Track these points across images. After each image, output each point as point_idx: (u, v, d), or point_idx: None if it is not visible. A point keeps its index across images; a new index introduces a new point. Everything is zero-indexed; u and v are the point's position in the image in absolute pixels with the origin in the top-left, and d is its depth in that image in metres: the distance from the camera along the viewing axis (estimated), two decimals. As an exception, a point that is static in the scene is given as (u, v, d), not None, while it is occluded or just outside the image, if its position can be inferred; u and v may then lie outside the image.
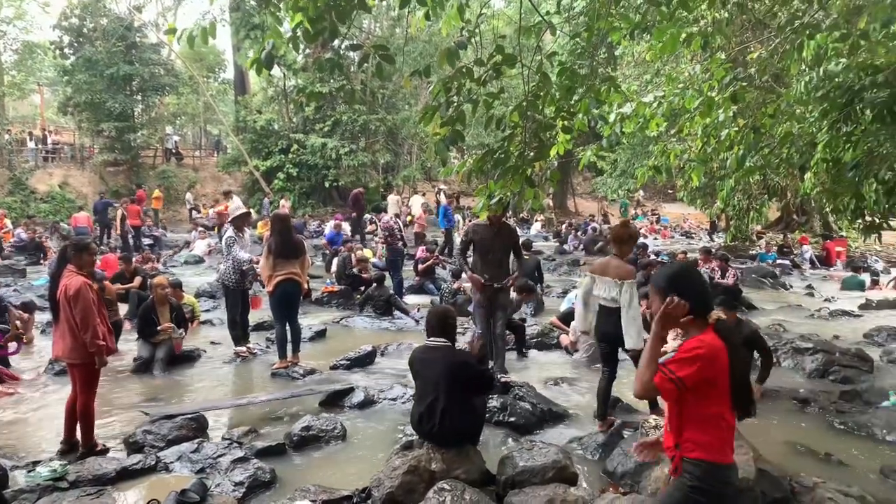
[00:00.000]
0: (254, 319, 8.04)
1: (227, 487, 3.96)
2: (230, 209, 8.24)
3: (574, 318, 6.99)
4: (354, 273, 11.18)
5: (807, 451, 4.72)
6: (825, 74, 5.88)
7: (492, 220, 5.90)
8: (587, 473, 4.29)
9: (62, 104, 26.92)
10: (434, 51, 21.89)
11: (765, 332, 7.75)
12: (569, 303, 8.56)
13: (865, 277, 13.93)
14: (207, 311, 9.70)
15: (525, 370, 6.84)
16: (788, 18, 6.37)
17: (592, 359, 6.96)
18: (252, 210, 12.95)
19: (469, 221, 14.76)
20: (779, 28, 6.50)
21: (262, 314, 8.42)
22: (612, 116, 6.13)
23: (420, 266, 12.19)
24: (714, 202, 17.48)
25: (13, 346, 6.87)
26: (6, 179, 23.17)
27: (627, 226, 5.16)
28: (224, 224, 13.06)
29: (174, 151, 29.73)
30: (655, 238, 22.82)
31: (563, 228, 22.30)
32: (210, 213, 20.37)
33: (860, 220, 7.00)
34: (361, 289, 10.61)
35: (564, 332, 7.71)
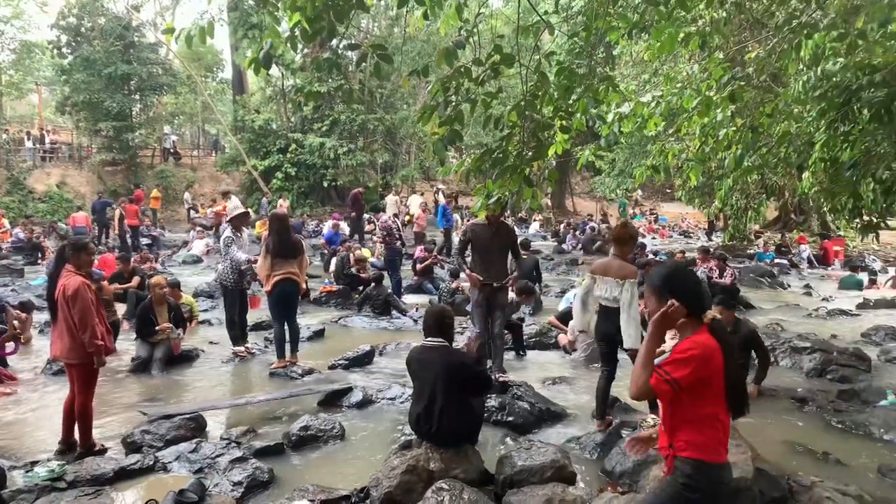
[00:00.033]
0: (252, 319, 8.03)
1: (226, 487, 3.96)
2: (228, 209, 8.24)
3: (572, 318, 7.01)
4: (353, 273, 11.19)
5: (805, 451, 4.72)
6: (823, 74, 5.89)
7: (490, 220, 5.90)
8: (585, 473, 4.29)
9: (60, 104, 26.90)
10: (432, 50, 21.87)
11: (763, 332, 7.76)
12: (567, 302, 8.57)
13: (863, 277, 13.96)
14: (206, 311, 9.70)
15: (523, 370, 6.84)
16: (786, 18, 6.37)
17: (590, 358, 6.97)
18: (250, 210, 12.94)
19: (467, 221, 14.76)
20: (777, 28, 6.51)
21: (261, 314, 8.43)
22: (611, 116, 6.13)
23: (418, 266, 12.20)
24: (712, 201, 17.46)
25: (11, 346, 6.87)
26: (4, 179, 23.14)
27: (628, 226, 5.15)
28: (222, 224, 13.07)
29: (172, 151, 29.68)
30: (654, 237, 22.84)
31: (562, 228, 22.31)
32: (208, 213, 20.35)
33: (858, 220, 6.99)
34: (360, 288, 10.61)
35: (563, 332, 7.72)
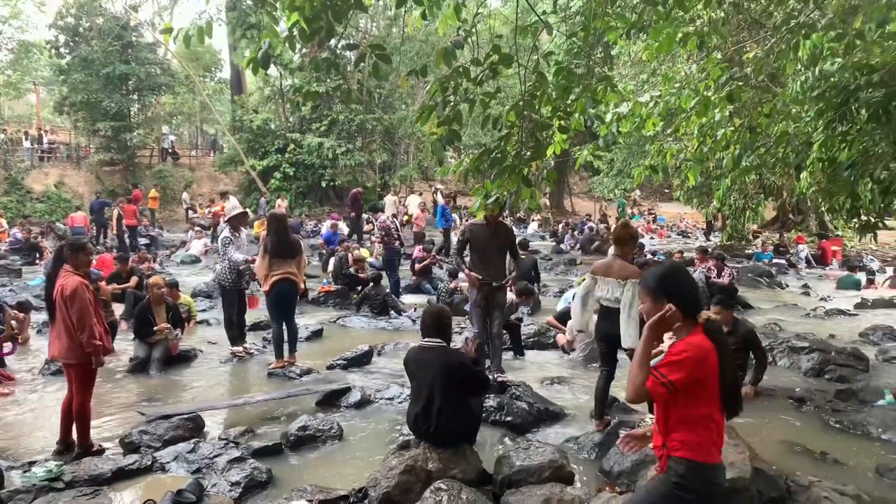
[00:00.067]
0: (250, 319, 8.03)
1: (224, 487, 3.95)
2: (226, 209, 8.24)
3: (571, 318, 7.01)
4: (351, 273, 11.18)
5: (803, 450, 4.73)
6: (821, 74, 5.89)
7: (488, 220, 5.91)
8: (583, 473, 4.29)
9: (58, 104, 26.88)
10: (431, 50, 21.89)
11: (761, 332, 7.78)
12: (565, 302, 8.57)
13: (861, 276, 13.98)
14: (204, 311, 9.69)
15: (522, 370, 6.84)
16: (784, 18, 6.38)
17: (589, 358, 6.98)
18: (248, 210, 12.93)
19: (466, 221, 14.76)
20: (775, 28, 6.52)
21: (259, 314, 8.42)
22: (609, 116, 6.13)
23: (417, 266, 12.20)
24: (710, 201, 17.49)
25: (9, 347, 6.85)
26: (2, 179, 23.11)
27: (628, 226, 5.14)
28: (219, 224, 13.07)
29: (170, 151, 29.67)
30: (652, 237, 22.86)
31: (560, 228, 22.33)
32: (206, 213, 20.34)
33: (856, 220, 7.01)
34: (358, 288, 10.60)
35: (561, 332, 7.72)
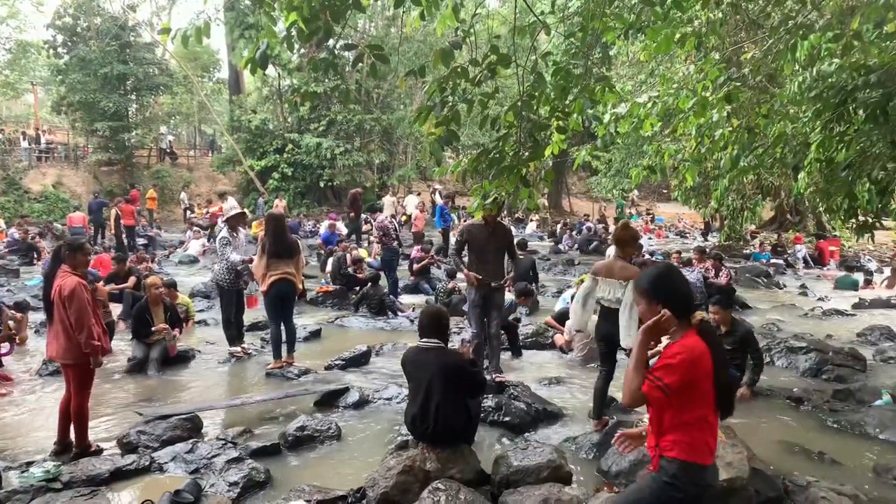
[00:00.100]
0: (248, 319, 8.02)
1: (222, 488, 3.95)
2: (225, 209, 8.23)
3: (569, 318, 7.01)
4: (349, 273, 11.18)
5: (800, 450, 4.74)
6: (818, 75, 5.91)
7: (487, 220, 5.91)
8: (581, 473, 4.29)
9: (56, 103, 26.84)
10: (429, 51, 21.90)
11: (759, 332, 7.79)
12: (563, 302, 8.58)
13: (859, 277, 14.01)
14: (202, 311, 9.68)
15: (520, 370, 6.84)
16: (782, 19, 6.39)
17: (587, 358, 6.98)
18: (247, 210, 12.92)
19: (464, 221, 14.76)
20: (772, 28, 6.52)
21: (257, 314, 8.41)
22: (607, 116, 6.14)
23: (415, 266, 12.20)
24: (708, 202, 17.54)
25: (6, 347, 6.84)
26: (0, 179, 23.06)
27: (629, 227, 5.14)
28: (217, 224, 13.06)
29: (168, 151, 29.65)
30: (650, 238, 22.88)
31: (558, 228, 22.34)
32: (204, 213, 20.32)
33: (853, 220, 7.01)
34: (356, 289, 10.60)
35: (559, 332, 7.73)
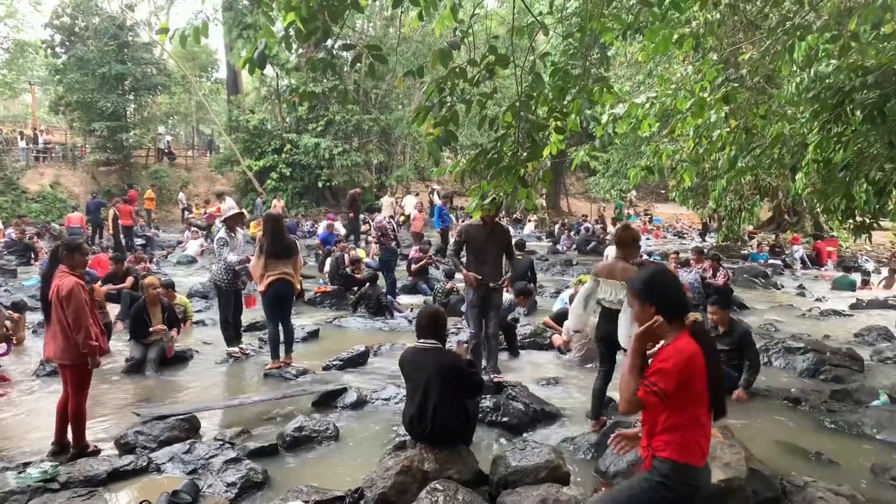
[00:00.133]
0: (246, 320, 8.01)
1: (220, 488, 3.94)
2: (223, 210, 8.22)
3: (567, 318, 7.02)
4: (347, 273, 11.17)
5: (798, 451, 4.74)
6: (816, 75, 5.91)
7: (485, 220, 5.91)
8: (579, 473, 4.29)
9: (54, 103, 26.78)
10: (427, 51, 21.89)
11: (756, 332, 7.80)
12: (562, 303, 8.58)
13: (856, 277, 14.04)
14: (200, 312, 9.67)
15: (518, 370, 6.84)
16: (780, 20, 6.39)
17: (585, 359, 6.99)
18: (245, 210, 12.90)
19: (462, 221, 14.76)
20: (770, 29, 6.52)
21: (255, 314, 8.40)
22: (605, 117, 6.14)
23: (413, 266, 12.20)
24: (706, 202, 17.58)
25: (3, 347, 6.83)
26: (-3, 179, 23.03)
27: (630, 229, 5.14)
28: (215, 224, 13.03)
29: (166, 151, 29.62)
30: (648, 238, 22.92)
31: (556, 228, 22.37)
32: (202, 213, 20.29)
33: (851, 221, 7.03)
34: (354, 289, 10.60)
35: (557, 332, 7.72)
